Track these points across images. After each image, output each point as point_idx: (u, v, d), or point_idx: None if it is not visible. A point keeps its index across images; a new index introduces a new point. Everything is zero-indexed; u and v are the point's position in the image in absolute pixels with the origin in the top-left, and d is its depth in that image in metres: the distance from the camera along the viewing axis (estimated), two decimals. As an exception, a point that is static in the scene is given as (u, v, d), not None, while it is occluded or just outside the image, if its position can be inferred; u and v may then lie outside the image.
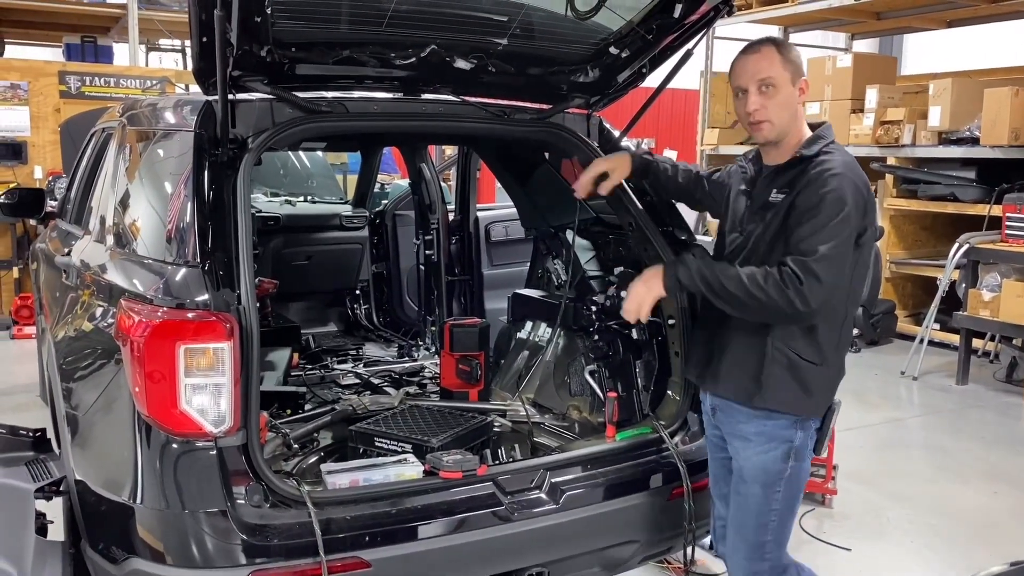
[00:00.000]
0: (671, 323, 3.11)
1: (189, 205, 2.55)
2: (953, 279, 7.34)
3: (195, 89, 2.88)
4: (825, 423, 2.62)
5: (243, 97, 2.77)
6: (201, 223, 2.51)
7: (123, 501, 2.39)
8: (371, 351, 5.16)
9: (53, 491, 2.73)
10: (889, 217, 8.44)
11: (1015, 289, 6.69)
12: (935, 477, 5.14)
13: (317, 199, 6.19)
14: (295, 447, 3.21)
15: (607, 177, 2.98)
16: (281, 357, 4.17)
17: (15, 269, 8.43)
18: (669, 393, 3.16)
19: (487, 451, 3.27)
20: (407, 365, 4.61)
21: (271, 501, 2.39)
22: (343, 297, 5.83)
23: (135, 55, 9.79)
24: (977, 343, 7.53)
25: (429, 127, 3.32)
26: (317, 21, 2.83)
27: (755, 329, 2.53)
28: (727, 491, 2.79)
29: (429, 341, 4.92)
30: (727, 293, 2.43)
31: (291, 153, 6.45)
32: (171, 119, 3.04)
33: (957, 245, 7.20)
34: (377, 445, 3.05)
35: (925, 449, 5.78)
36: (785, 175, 2.55)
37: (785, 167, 2.55)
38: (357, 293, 5.81)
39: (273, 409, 3.60)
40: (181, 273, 2.47)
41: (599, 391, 3.49)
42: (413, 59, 2.94)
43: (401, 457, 2.82)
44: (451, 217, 4.84)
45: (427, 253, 4.86)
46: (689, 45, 3.12)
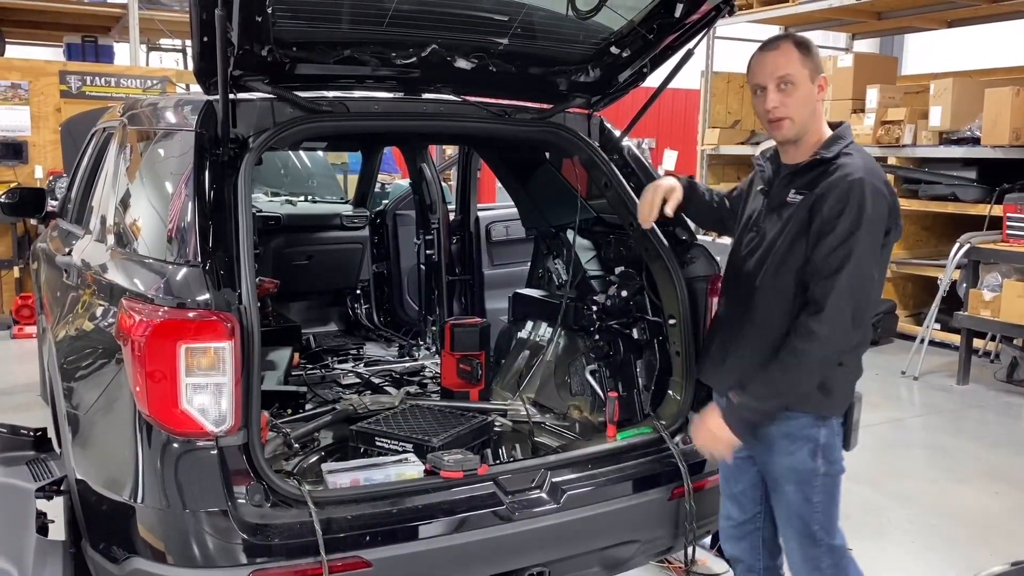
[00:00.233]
0: (671, 323, 3.10)
1: (190, 205, 2.55)
2: (954, 279, 7.33)
3: (196, 89, 2.88)
4: (848, 417, 2.61)
5: (244, 97, 2.78)
6: (202, 223, 2.51)
7: (124, 500, 2.39)
8: (372, 351, 5.16)
9: (54, 490, 2.73)
10: (890, 217, 8.42)
11: (1016, 289, 6.69)
12: (936, 477, 5.13)
13: (318, 199, 6.19)
14: (296, 447, 3.21)
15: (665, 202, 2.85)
16: (282, 357, 4.18)
17: (16, 269, 8.43)
18: (670, 393, 3.16)
19: (488, 451, 3.27)
20: (408, 365, 4.61)
21: (272, 501, 2.39)
22: (344, 297, 5.84)
23: (136, 55, 9.79)
24: (978, 343, 7.53)
25: (430, 127, 3.32)
26: (318, 21, 2.83)
27: (771, 331, 2.51)
28: (737, 491, 2.79)
29: (430, 341, 4.92)
30: (792, 381, 2.41)
31: (292, 153, 6.45)
32: (172, 119, 3.04)
33: (958, 245, 7.20)
34: (378, 445, 3.05)
35: (926, 449, 5.78)
36: (804, 176, 2.51)
37: (805, 168, 2.52)
38: (358, 293, 5.82)
39: (274, 409, 3.61)
40: (182, 273, 2.47)
41: (600, 391, 3.49)
42: (414, 59, 2.94)
43: (402, 457, 2.82)
44: (452, 217, 4.84)
45: (428, 253, 4.86)
46: (690, 45, 3.12)
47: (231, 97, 2.63)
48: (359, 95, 3.09)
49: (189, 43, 5.41)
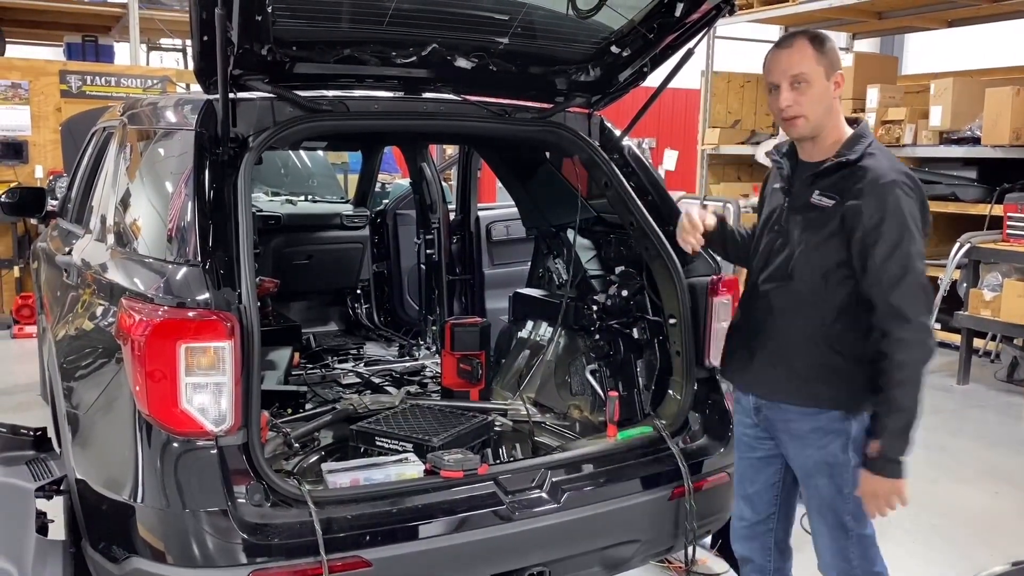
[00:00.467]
0: (672, 322, 3.10)
1: (190, 204, 2.55)
2: (954, 279, 7.33)
3: (196, 88, 2.88)
4: None
5: (244, 96, 2.78)
6: (202, 222, 2.51)
7: (124, 500, 2.39)
8: (372, 350, 5.16)
9: (54, 490, 2.73)
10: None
11: (1016, 289, 6.68)
12: (936, 477, 5.13)
13: (318, 198, 6.19)
14: (296, 446, 3.21)
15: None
16: (282, 356, 4.18)
17: (16, 268, 8.43)
18: (670, 392, 3.16)
19: (488, 450, 3.27)
20: (408, 364, 4.61)
21: (272, 500, 2.39)
22: (344, 296, 5.83)
23: (136, 54, 9.79)
24: (978, 343, 7.52)
25: (430, 126, 3.32)
26: (318, 20, 2.83)
27: (799, 329, 2.52)
28: (752, 491, 2.78)
29: (430, 340, 4.92)
30: (912, 395, 2.38)
31: (292, 152, 6.45)
32: (172, 118, 3.04)
33: (958, 245, 7.19)
34: (378, 444, 3.05)
35: (926, 449, 5.77)
36: (828, 178, 2.48)
37: (829, 170, 2.48)
38: (358, 292, 5.82)
39: (274, 408, 3.61)
40: (182, 272, 2.47)
41: (600, 390, 3.49)
42: (414, 58, 2.94)
43: (402, 456, 2.82)
44: (452, 216, 4.84)
45: (428, 252, 4.86)
46: (690, 44, 3.12)
47: (231, 96, 2.63)
48: (359, 94, 3.09)
49: (189, 42, 5.41)
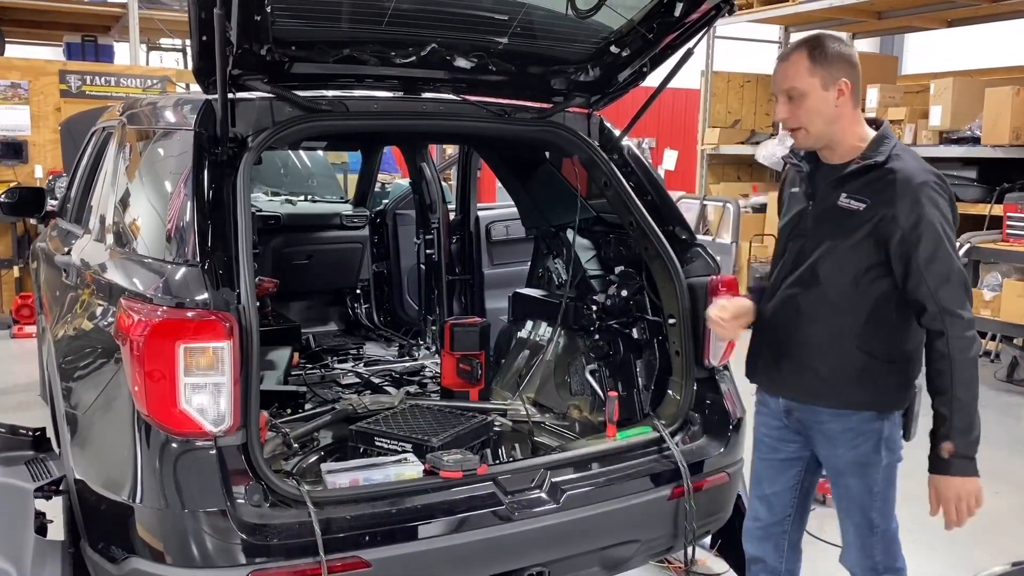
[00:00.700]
0: (671, 322, 3.10)
1: (189, 204, 2.55)
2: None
3: (195, 88, 2.88)
4: (909, 409, 2.62)
5: (243, 96, 2.77)
6: (201, 222, 2.50)
7: (123, 500, 2.39)
8: (371, 350, 5.16)
9: (53, 490, 2.73)
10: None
11: (1016, 289, 6.69)
12: (936, 477, 5.12)
13: (318, 198, 6.18)
14: (295, 446, 3.20)
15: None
16: (281, 356, 4.18)
17: (15, 268, 8.43)
18: (670, 392, 3.15)
19: (487, 450, 3.26)
20: (407, 364, 4.61)
21: (271, 501, 2.39)
22: (343, 296, 5.83)
23: (136, 54, 9.79)
24: (978, 343, 7.52)
25: (430, 126, 3.31)
26: (317, 20, 2.83)
27: (829, 332, 2.52)
28: (770, 492, 2.78)
29: (429, 340, 4.92)
30: (975, 389, 2.43)
31: (291, 152, 6.44)
32: (171, 118, 3.03)
33: (958, 244, 7.19)
34: (377, 444, 3.05)
35: (926, 449, 5.76)
36: (855, 181, 2.47)
37: (856, 172, 2.47)
38: (357, 292, 5.81)
39: (273, 408, 3.60)
40: (181, 272, 2.47)
41: (600, 390, 3.48)
42: (413, 58, 2.94)
43: (401, 456, 2.82)
44: (452, 216, 4.84)
45: (428, 252, 4.86)
46: (690, 44, 3.12)
47: (230, 96, 2.62)
48: (359, 94, 3.08)
49: (189, 42, 5.41)
